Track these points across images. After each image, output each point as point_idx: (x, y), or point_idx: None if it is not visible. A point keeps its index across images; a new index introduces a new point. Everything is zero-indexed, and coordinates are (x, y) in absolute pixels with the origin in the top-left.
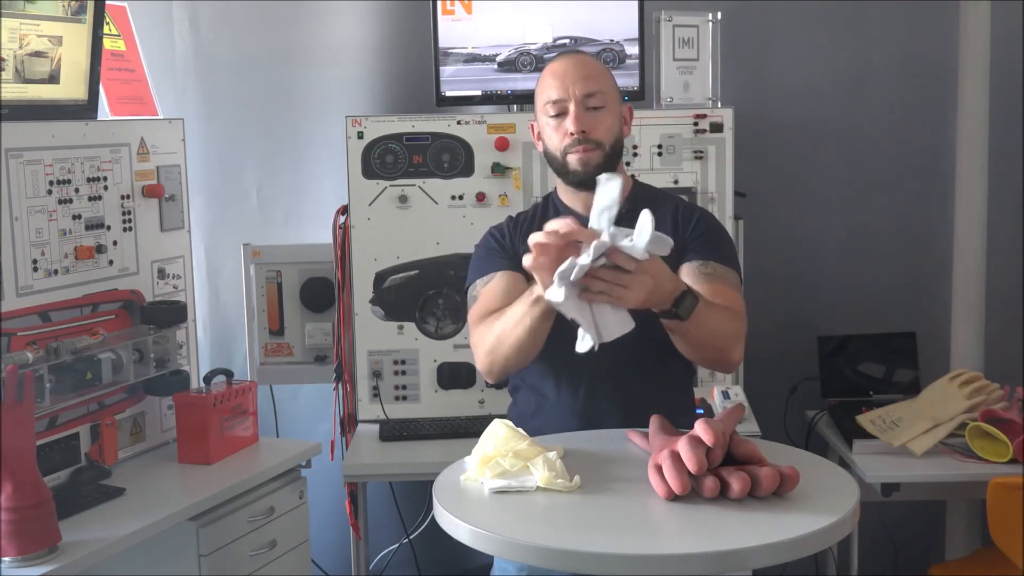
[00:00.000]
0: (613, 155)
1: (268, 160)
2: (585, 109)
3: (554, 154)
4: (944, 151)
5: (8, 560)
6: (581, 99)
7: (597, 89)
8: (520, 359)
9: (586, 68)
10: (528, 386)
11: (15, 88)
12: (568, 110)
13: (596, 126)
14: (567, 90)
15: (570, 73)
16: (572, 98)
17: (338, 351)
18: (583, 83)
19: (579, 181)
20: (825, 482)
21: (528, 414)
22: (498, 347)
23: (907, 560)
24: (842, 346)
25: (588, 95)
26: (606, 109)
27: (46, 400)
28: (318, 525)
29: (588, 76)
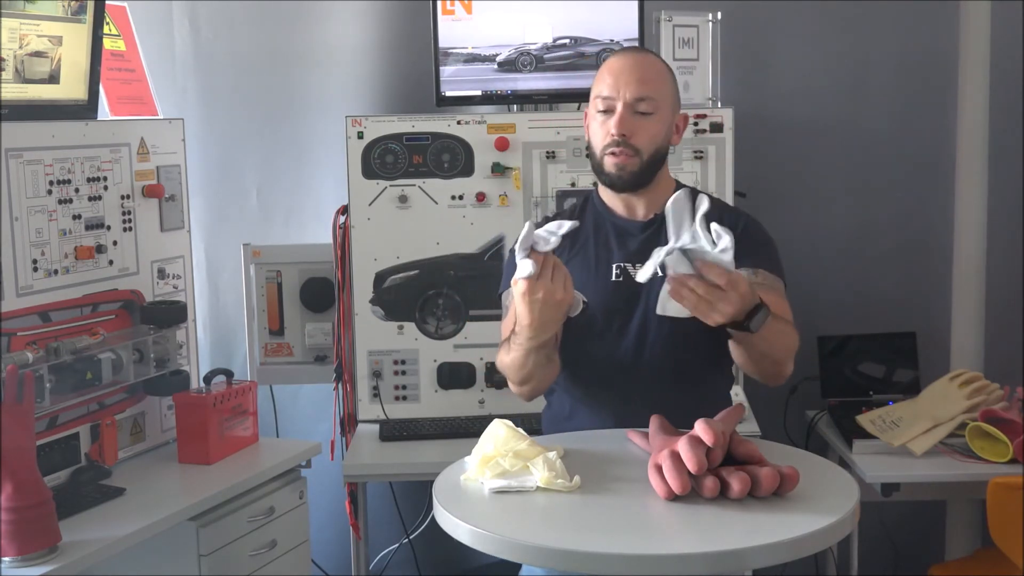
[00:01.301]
0: (652, 163)
1: (268, 160)
2: (632, 113)
3: (594, 150)
4: (944, 151)
5: (8, 560)
6: (630, 102)
7: (648, 95)
8: (541, 385)
9: (643, 71)
10: (562, 388)
11: (15, 88)
12: (615, 109)
13: (639, 132)
14: (618, 90)
15: (626, 73)
16: (621, 99)
17: (338, 351)
18: (636, 86)
19: (611, 184)
20: (825, 482)
21: (563, 416)
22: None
23: (907, 560)
24: (842, 346)
25: (638, 99)
26: (655, 116)
27: (46, 400)
28: (318, 525)
29: (643, 79)
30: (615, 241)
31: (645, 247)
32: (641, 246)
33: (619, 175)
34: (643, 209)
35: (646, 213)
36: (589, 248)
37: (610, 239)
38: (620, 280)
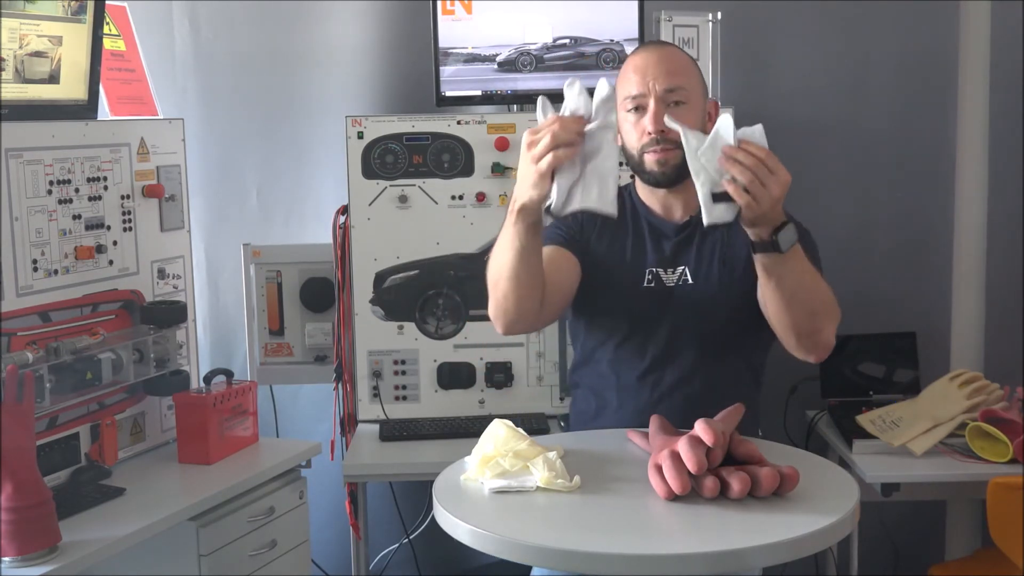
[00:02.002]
0: None
1: (268, 160)
2: (665, 106)
3: (631, 152)
4: (944, 151)
5: (8, 560)
6: (662, 95)
7: (679, 84)
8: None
9: (669, 62)
10: (588, 387)
11: (15, 88)
12: (648, 106)
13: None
14: (647, 85)
15: (652, 68)
16: (652, 94)
17: (338, 351)
18: (665, 78)
19: (655, 181)
20: (825, 482)
21: (589, 415)
22: (497, 285)
23: (907, 560)
24: (842, 346)
25: (669, 91)
26: (688, 106)
27: (46, 400)
28: (318, 525)
29: (671, 71)
30: (650, 243)
31: (678, 251)
32: (675, 249)
33: (663, 171)
34: (680, 210)
35: (683, 215)
36: (627, 247)
37: (645, 240)
38: (652, 286)
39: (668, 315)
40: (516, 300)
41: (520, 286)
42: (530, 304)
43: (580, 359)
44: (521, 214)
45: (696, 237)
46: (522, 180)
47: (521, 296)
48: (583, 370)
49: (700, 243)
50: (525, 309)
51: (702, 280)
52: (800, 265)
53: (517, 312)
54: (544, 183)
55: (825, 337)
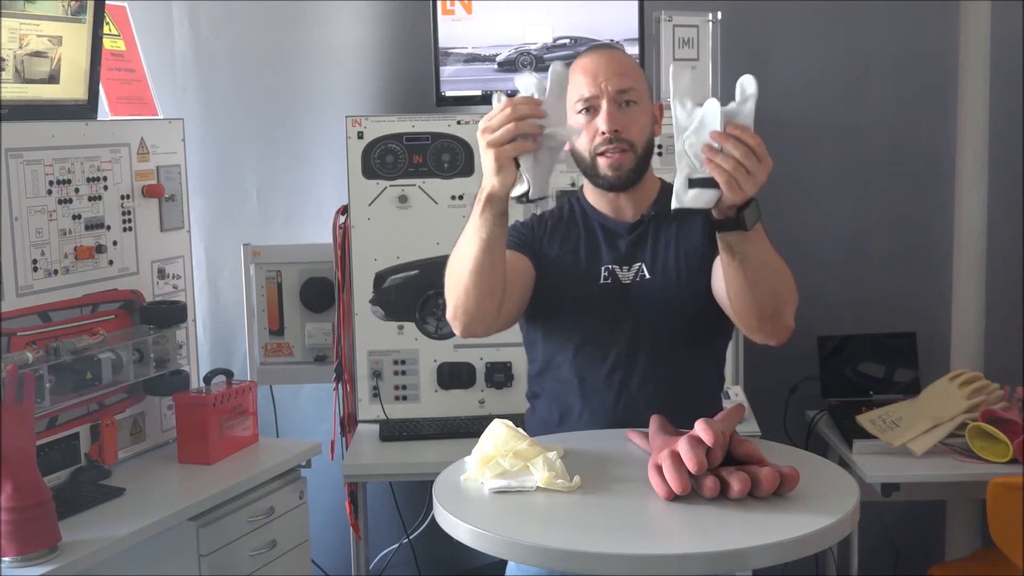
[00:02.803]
0: (645, 156)
1: (268, 160)
2: (618, 106)
3: (582, 155)
4: (944, 151)
5: (8, 560)
6: (614, 95)
7: (631, 86)
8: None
9: (619, 64)
10: (550, 394)
11: (15, 88)
12: (600, 107)
13: (629, 125)
14: (599, 86)
15: (603, 69)
16: (605, 95)
17: (338, 351)
18: (617, 79)
19: (610, 185)
20: (825, 482)
21: (552, 424)
22: (458, 282)
23: (907, 560)
24: (842, 346)
25: (621, 91)
26: (639, 107)
27: (46, 400)
28: (318, 525)
29: (622, 72)
30: (603, 243)
31: (633, 248)
32: (629, 247)
33: (617, 175)
34: (631, 210)
35: (634, 214)
36: (580, 250)
37: (598, 241)
38: (608, 283)
39: (628, 312)
40: (477, 297)
41: (483, 281)
42: (491, 303)
43: (540, 368)
44: (489, 203)
45: (649, 233)
46: (486, 169)
47: (482, 293)
48: (543, 378)
49: (654, 239)
50: (486, 308)
51: (660, 275)
52: (763, 243)
53: (478, 310)
54: (509, 169)
55: (786, 319)
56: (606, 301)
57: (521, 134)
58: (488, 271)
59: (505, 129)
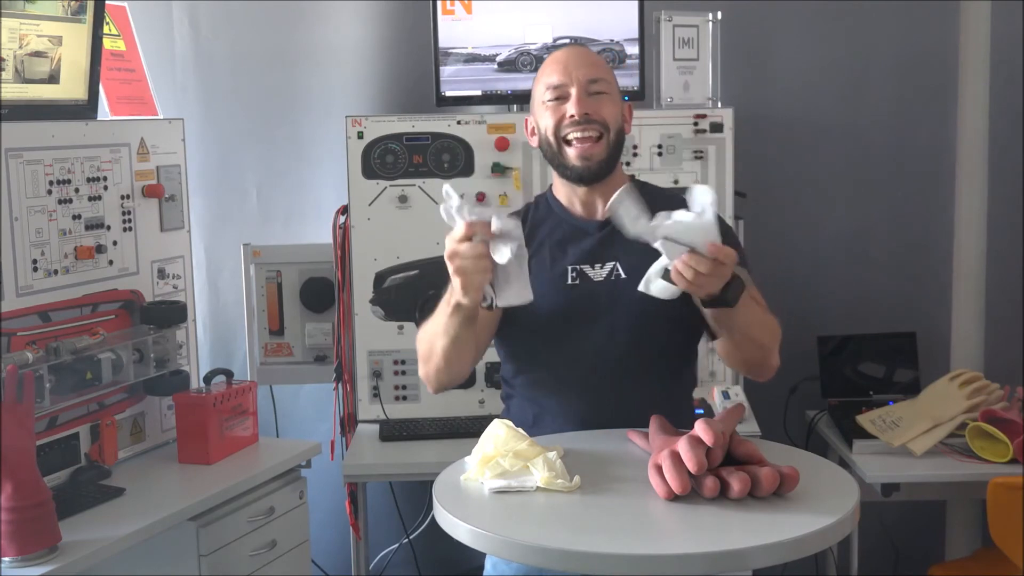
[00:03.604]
0: (617, 145)
1: (268, 160)
2: (588, 94)
3: (550, 140)
4: (944, 151)
5: (8, 560)
6: (584, 83)
7: (600, 76)
8: (452, 371)
9: (589, 56)
10: (523, 396)
11: (15, 88)
12: (569, 95)
13: (600, 109)
14: (569, 75)
15: (573, 60)
16: (575, 82)
17: (338, 351)
18: (586, 69)
19: (578, 177)
20: (825, 482)
21: (527, 424)
22: (430, 358)
23: (907, 560)
24: (842, 346)
25: (592, 80)
26: (609, 96)
27: (46, 400)
28: (318, 525)
29: (591, 63)
30: (570, 242)
31: (600, 247)
32: (596, 245)
33: (587, 166)
34: (602, 207)
35: (604, 211)
36: (544, 251)
37: (565, 240)
38: (576, 283)
39: (601, 312)
40: (448, 374)
41: (453, 364)
42: (461, 369)
43: (513, 370)
44: (457, 311)
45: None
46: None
47: (454, 371)
48: (516, 380)
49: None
50: (456, 374)
51: (636, 274)
52: (748, 308)
53: (450, 379)
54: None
55: (773, 362)
56: (576, 303)
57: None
58: (456, 356)
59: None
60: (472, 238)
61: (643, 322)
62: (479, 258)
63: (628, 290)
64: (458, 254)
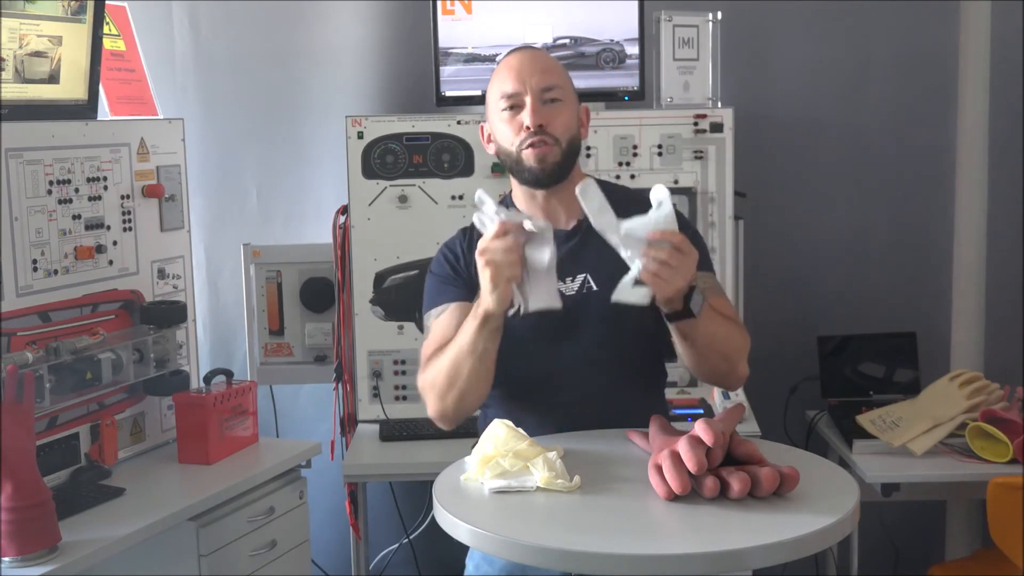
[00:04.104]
0: (570, 153)
1: (268, 160)
2: (542, 103)
3: (508, 150)
4: (944, 151)
5: (8, 560)
6: (538, 92)
7: (555, 83)
8: (478, 393)
9: (543, 62)
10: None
11: (15, 88)
12: (524, 104)
13: (553, 120)
14: (523, 83)
15: (526, 66)
16: (529, 91)
17: (338, 351)
18: (540, 76)
19: (535, 179)
20: (825, 482)
21: None
22: (451, 386)
23: (907, 560)
24: (842, 346)
25: (546, 89)
26: (564, 104)
27: (46, 400)
28: (318, 525)
29: (545, 69)
30: None
31: (574, 258)
32: (566, 257)
33: (542, 168)
34: (564, 215)
35: (568, 219)
36: None
37: None
38: None
39: (574, 326)
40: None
41: (480, 384)
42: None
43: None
44: (486, 321)
45: (591, 242)
46: (484, 288)
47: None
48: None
49: (599, 247)
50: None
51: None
52: (711, 319)
53: (473, 403)
54: (506, 294)
55: (739, 371)
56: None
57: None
58: (485, 375)
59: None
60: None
61: (617, 337)
62: (510, 251)
63: (600, 303)
64: (489, 249)
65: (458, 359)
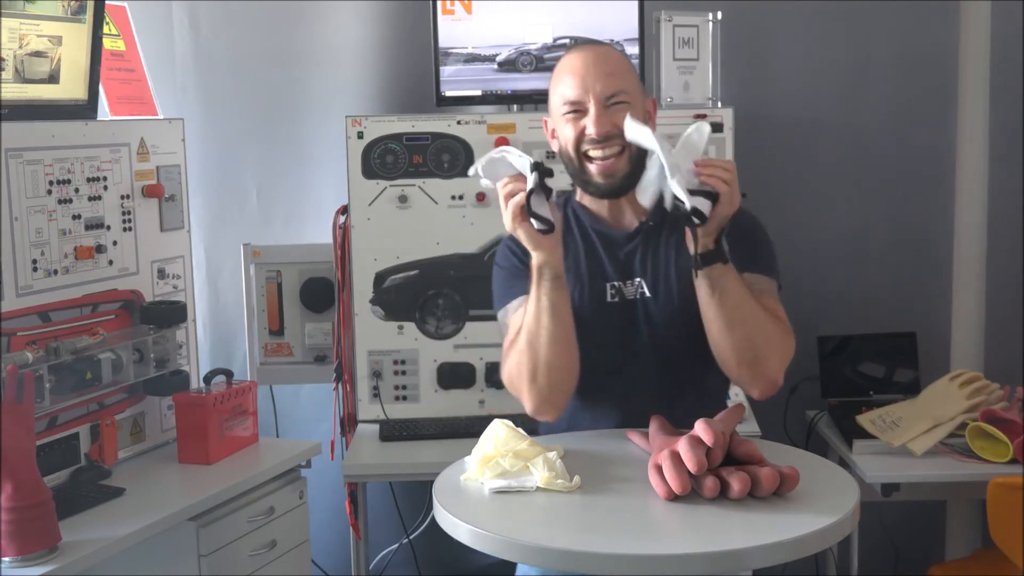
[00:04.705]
0: (639, 158)
1: (268, 160)
2: (606, 107)
3: (571, 155)
4: (944, 151)
5: (8, 560)
6: (602, 100)
7: (620, 88)
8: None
9: (607, 64)
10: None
11: (15, 88)
12: (587, 110)
13: (620, 123)
14: (586, 90)
15: (591, 71)
16: (592, 98)
17: (338, 351)
18: (604, 81)
19: (602, 194)
20: (825, 482)
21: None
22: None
23: (907, 560)
24: (842, 346)
25: (609, 96)
26: (630, 107)
27: (46, 400)
28: (318, 525)
29: (610, 73)
30: (605, 255)
31: (630, 260)
32: (627, 259)
33: (609, 184)
34: (629, 213)
35: (631, 219)
36: (581, 264)
37: (599, 253)
38: (616, 301)
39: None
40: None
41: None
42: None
43: None
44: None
45: (649, 245)
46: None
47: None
48: None
49: (653, 253)
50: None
51: (662, 295)
52: (740, 283)
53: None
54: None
55: (767, 369)
56: (616, 321)
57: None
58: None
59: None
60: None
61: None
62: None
63: (655, 309)
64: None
65: (531, 328)
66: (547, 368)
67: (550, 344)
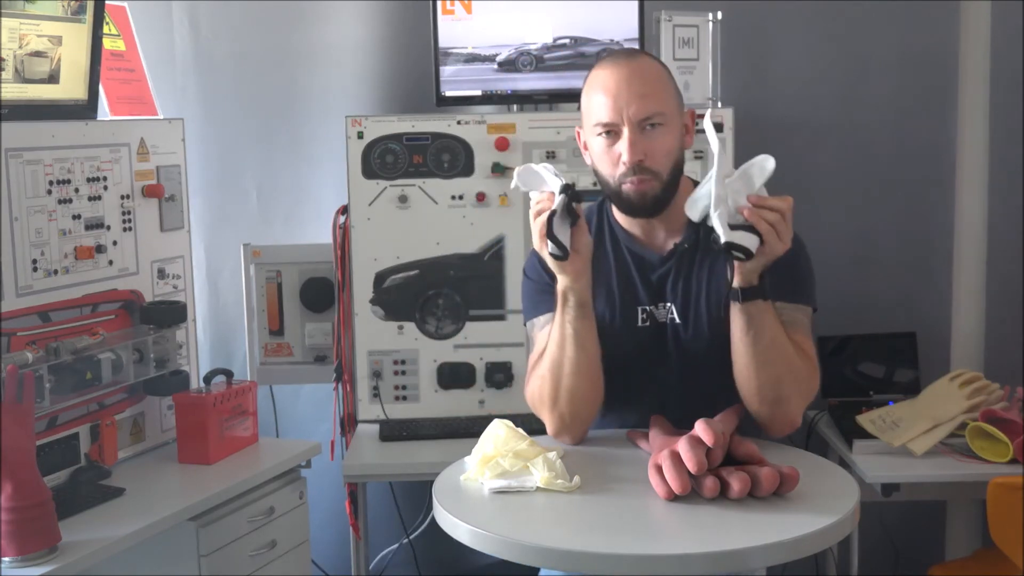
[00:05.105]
0: (673, 180)
1: (268, 160)
2: (641, 131)
3: (606, 180)
4: (944, 151)
5: (8, 560)
6: (637, 124)
7: (655, 110)
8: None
9: (643, 83)
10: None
11: (15, 88)
12: (621, 133)
13: (654, 152)
14: (620, 113)
15: (624, 92)
16: (626, 121)
17: (338, 351)
18: (638, 104)
19: (634, 212)
20: (825, 482)
21: None
22: (557, 386)
23: (907, 560)
24: (842, 346)
25: (644, 120)
26: (665, 128)
27: (46, 400)
28: (318, 525)
29: (645, 94)
30: (638, 277)
31: (661, 284)
32: (659, 282)
33: (641, 203)
34: (663, 233)
35: (665, 239)
36: (612, 284)
37: (632, 275)
38: (647, 325)
39: (668, 355)
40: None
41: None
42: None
43: None
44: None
45: (682, 269)
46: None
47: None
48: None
49: (686, 278)
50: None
51: (692, 320)
52: (776, 322)
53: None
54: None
55: (788, 410)
56: (645, 345)
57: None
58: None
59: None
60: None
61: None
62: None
63: (684, 335)
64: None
65: (555, 356)
66: (569, 396)
67: (573, 374)
